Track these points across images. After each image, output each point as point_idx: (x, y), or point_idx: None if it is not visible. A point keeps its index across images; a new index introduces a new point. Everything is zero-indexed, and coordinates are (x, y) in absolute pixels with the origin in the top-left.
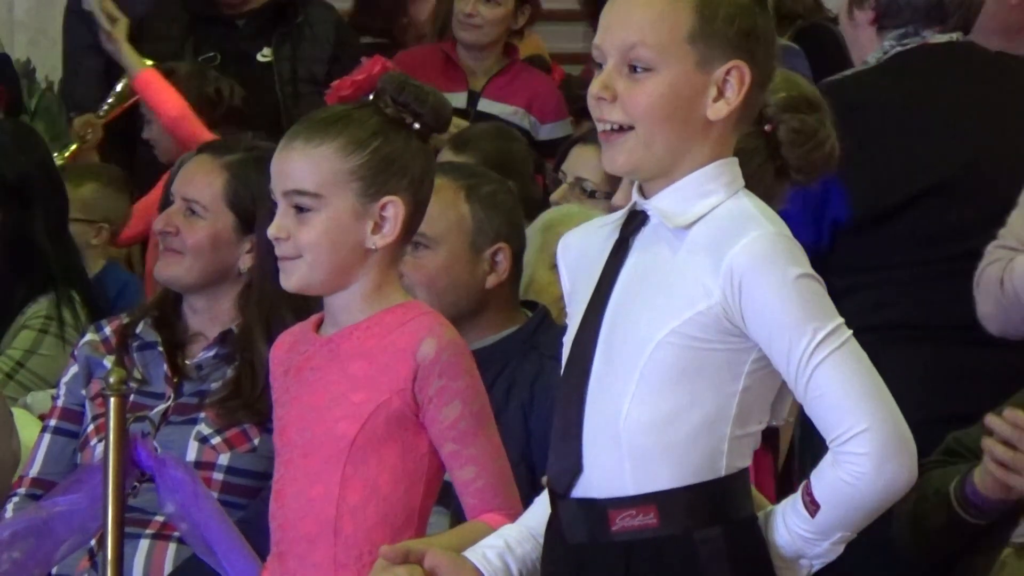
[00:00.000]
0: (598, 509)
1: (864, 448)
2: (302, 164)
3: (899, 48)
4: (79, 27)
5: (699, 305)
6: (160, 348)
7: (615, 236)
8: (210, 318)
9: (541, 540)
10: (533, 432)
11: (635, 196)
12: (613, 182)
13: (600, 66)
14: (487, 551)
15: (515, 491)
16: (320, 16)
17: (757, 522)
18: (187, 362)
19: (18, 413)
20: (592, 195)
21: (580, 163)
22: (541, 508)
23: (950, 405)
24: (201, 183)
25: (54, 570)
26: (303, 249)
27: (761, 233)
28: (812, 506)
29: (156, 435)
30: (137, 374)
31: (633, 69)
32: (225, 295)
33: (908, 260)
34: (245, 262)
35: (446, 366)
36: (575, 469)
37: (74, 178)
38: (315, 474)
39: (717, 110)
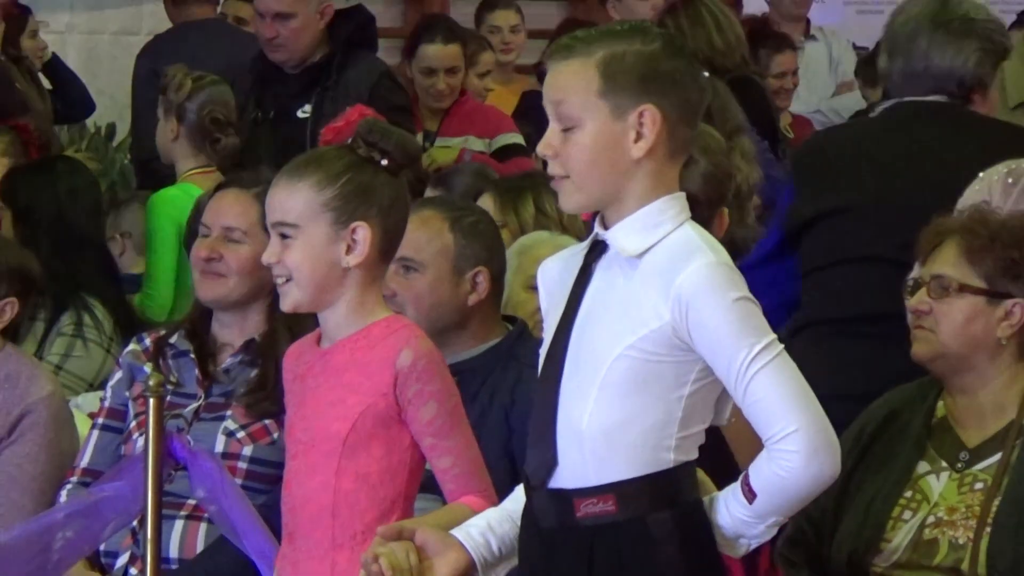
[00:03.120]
0: (566, 498)
1: (794, 446)
2: (284, 198)
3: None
4: (147, 87)
5: (651, 324)
6: (192, 355)
7: (581, 264)
8: (239, 329)
9: (519, 522)
10: (514, 430)
11: (596, 227)
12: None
13: None
14: (471, 529)
15: (487, 476)
16: (362, 72)
17: (703, 506)
18: (216, 368)
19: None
20: None
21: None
22: (515, 497)
23: (851, 386)
24: (237, 212)
25: (102, 547)
26: (290, 271)
27: (704, 262)
28: (750, 495)
29: (189, 430)
30: (172, 378)
31: (564, 128)
32: (254, 309)
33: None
34: None
35: (421, 372)
36: (550, 464)
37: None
38: (315, 467)
39: (639, 149)
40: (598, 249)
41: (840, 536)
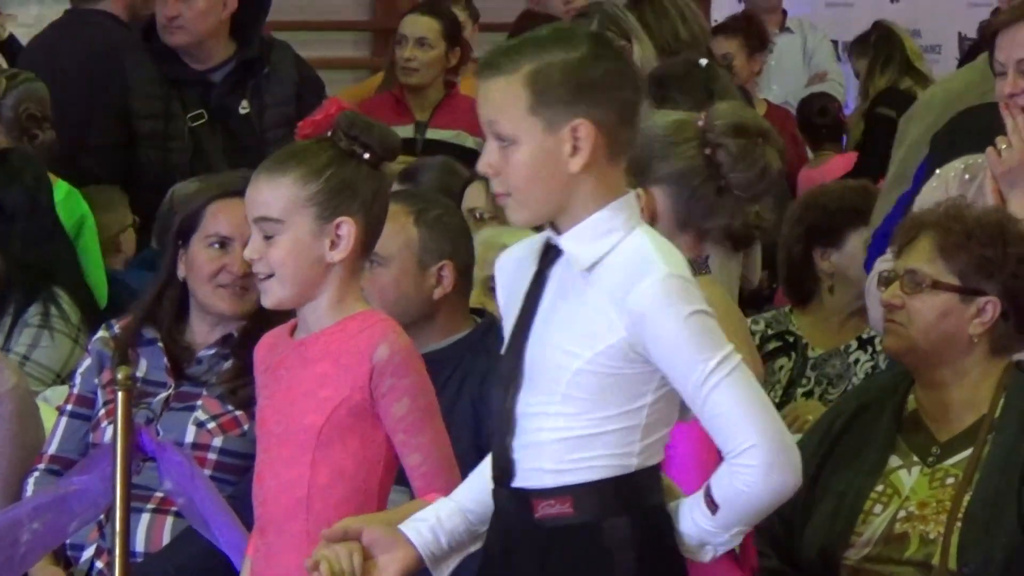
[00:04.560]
0: (524, 498)
1: (753, 461)
2: (267, 193)
3: None
4: None
5: (609, 339)
6: (160, 344)
7: (535, 267)
8: (219, 323)
9: (469, 516)
10: (483, 423)
11: (549, 231)
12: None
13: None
14: (419, 524)
15: (457, 475)
16: (281, 58)
17: (664, 511)
18: (189, 357)
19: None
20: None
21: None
22: (470, 486)
23: None
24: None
25: (68, 540)
26: (273, 267)
27: (658, 277)
28: (712, 506)
29: (159, 420)
30: (141, 370)
31: (501, 142)
32: None
33: None
34: None
35: (397, 367)
36: (509, 468)
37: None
38: (289, 459)
39: (576, 163)
40: (552, 253)
41: (811, 529)
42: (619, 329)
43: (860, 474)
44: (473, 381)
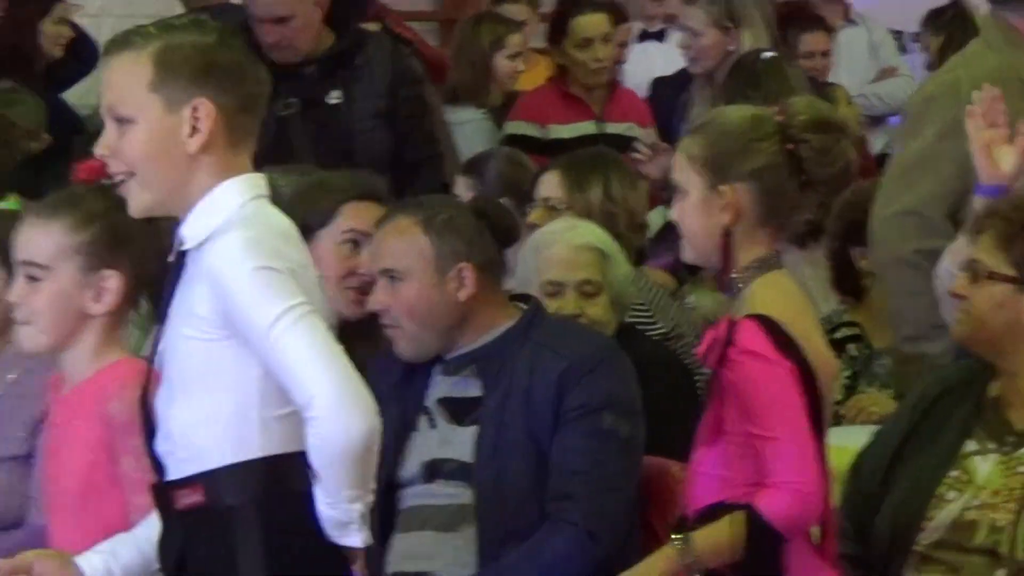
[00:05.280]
0: (165, 491)
1: (315, 412)
2: (36, 237)
3: None
4: None
5: (201, 310)
6: None
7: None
8: None
9: (145, 546)
10: (535, 414)
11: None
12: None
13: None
14: (93, 556)
15: None
16: (376, 51)
17: (300, 498)
18: None
19: None
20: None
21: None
22: (152, 518)
23: None
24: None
25: None
26: (32, 314)
27: (231, 237)
28: (315, 475)
29: None
30: None
31: (120, 123)
32: None
33: None
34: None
35: (127, 425)
36: (158, 466)
37: None
38: (59, 523)
39: (193, 143)
40: (182, 259)
41: (884, 512)
42: (206, 296)
43: (934, 458)
44: (523, 373)
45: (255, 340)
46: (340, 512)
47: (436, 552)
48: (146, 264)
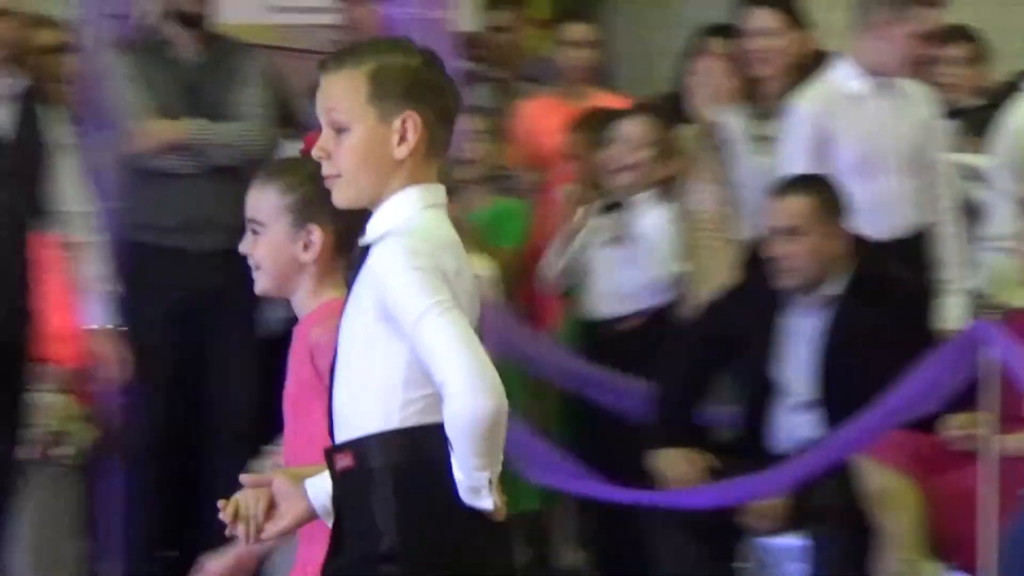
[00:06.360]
0: (329, 456)
1: (450, 390)
2: (255, 198)
3: None
4: None
5: (366, 299)
6: None
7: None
8: None
9: None
10: None
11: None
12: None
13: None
14: (319, 480)
15: None
16: None
17: (441, 466)
18: None
19: None
20: None
21: None
22: None
23: None
24: None
25: None
26: (258, 261)
27: (392, 240)
28: (451, 445)
29: None
30: None
31: (337, 131)
32: None
33: None
34: None
35: (324, 348)
36: (331, 434)
37: None
38: (289, 432)
39: (401, 151)
40: (365, 251)
41: None
42: (370, 290)
43: None
44: None
45: (406, 329)
46: (471, 479)
47: None
48: (347, 220)
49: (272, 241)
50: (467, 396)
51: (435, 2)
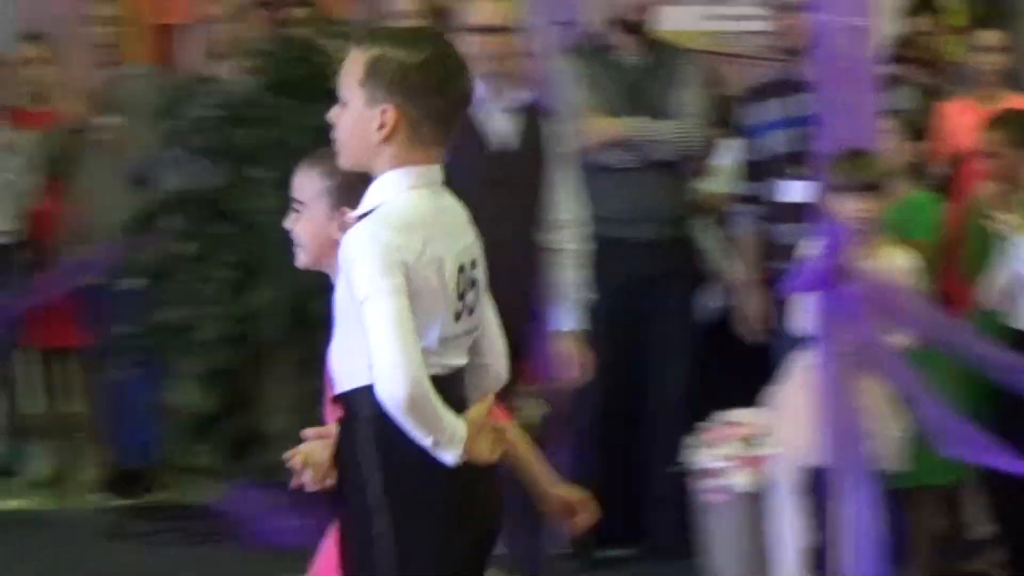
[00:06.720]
0: (334, 403)
1: (373, 375)
2: (300, 180)
3: None
4: None
5: (344, 272)
6: None
7: None
8: None
9: None
10: None
11: None
12: None
13: None
14: None
15: None
16: None
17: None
18: None
19: None
20: None
21: None
22: None
23: None
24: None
25: None
26: (299, 238)
27: (362, 224)
28: None
29: None
30: None
31: (341, 104)
32: None
33: None
34: None
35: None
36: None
37: None
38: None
39: (380, 136)
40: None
41: None
42: (343, 262)
43: None
44: None
45: (357, 306)
46: (420, 441)
47: None
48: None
49: (312, 220)
50: (384, 382)
51: (861, 9)
